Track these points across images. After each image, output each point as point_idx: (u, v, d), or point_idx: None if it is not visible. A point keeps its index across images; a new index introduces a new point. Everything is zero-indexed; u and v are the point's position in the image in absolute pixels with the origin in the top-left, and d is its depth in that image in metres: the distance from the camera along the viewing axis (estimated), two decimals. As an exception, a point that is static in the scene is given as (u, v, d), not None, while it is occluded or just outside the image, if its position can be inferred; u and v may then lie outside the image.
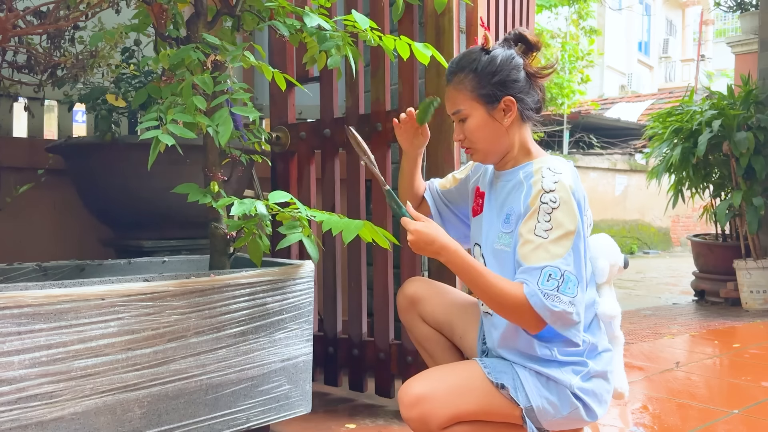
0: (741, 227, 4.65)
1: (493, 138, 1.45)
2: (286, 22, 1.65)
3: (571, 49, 10.31)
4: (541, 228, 1.33)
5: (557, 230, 1.32)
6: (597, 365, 1.43)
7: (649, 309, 4.73)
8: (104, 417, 1.34)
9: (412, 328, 1.68)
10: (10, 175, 2.44)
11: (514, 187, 1.43)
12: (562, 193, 1.34)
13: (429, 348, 1.68)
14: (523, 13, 2.72)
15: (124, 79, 2.24)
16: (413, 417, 1.35)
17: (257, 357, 1.59)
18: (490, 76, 1.42)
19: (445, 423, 1.35)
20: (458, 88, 1.45)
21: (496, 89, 1.42)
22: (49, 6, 1.86)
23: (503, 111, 1.43)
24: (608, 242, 1.58)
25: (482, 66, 1.42)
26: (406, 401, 1.36)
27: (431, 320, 1.66)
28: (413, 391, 1.37)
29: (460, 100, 1.45)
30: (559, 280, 1.30)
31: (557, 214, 1.33)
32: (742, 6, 6.54)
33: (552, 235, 1.32)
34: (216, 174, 1.68)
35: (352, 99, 2.17)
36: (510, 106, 1.42)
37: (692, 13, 22.56)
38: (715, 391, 2.49)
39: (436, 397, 1.35)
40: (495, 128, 1.44)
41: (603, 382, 1.44)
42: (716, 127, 4.58)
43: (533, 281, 1.30)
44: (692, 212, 9.82)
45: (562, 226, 1.32)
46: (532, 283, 1.30)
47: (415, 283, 1.70)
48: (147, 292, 1.39)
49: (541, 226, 1.33)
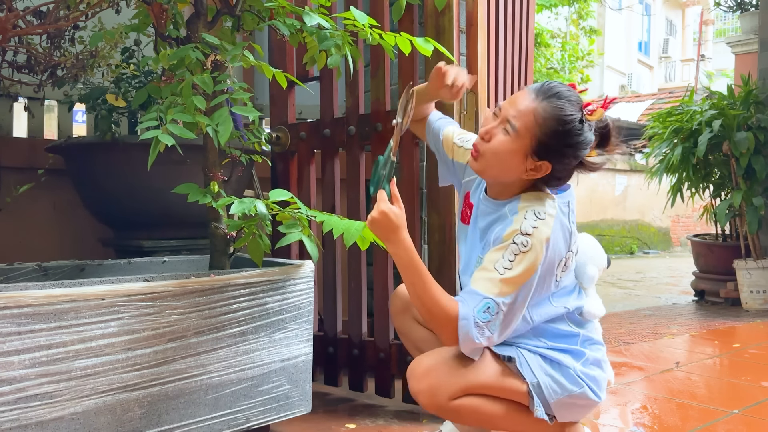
0: (741, 227, 4.65)
1: (504, 168, 1.39)
2: (286, 22, 1.65)
3: (571, 49, 10.32)
4: (502, 264, 1.33)
5: (515, 271, 1.32)
6: (593, 353, 1.46)
7: (649, 309, 4.73)
8: (104, 417, 1.34)
9: (407, 331, 1.68)
10: (10, 175, 2.44)
11: (498, 219, 1.43)
12: (535, 241, 1.33)
13: (426, 349, 1.67)
14: (523, 13, 2.72)
15: (124, 79, 2.24)
16: (423, 389, 1.35)
17: (257, 357, 1.59)
18: (561, 138, 1.34)
19: (454, 394, 1.36)
20: (538, 114, 1.33)
21: (550, 150, 1.35)
22: (49, 6, 1.86)
23: (534, 168, 1.37)
24: (593, 245, 1.59)
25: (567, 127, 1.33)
26: (416, 373, 1.37)
27: None
28: (423, 363, 1.38)
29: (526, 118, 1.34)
30: (494, 316, 1.31)
31: (521, 258, 1.32)
32: (742, 6, 6.54)
33: (508, 274, 1.32)
34: (216, 174, 1.68)
35: (352, 99, 2.17)
36: (542, 168, 1.37)
37: (692, 13, 22.57)
38: (715, 391, 2.49)
39: (445, 369, 1.36)
40: (514, 165, 1.37)
41: (600, 371, 1.46)
42: (716, 127, 4.58)
43: (471, 305, 1.31)
44: (692, 212, 9.82)
45: (519, 270, 1.32)
46: (468, 307, 1.31)
47: None
48: (147, 292, 1.39)
49: (503, 263, 1.33)
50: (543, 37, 9.60)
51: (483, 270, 1.35)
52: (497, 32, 2.33)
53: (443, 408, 1.37)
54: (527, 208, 1.37)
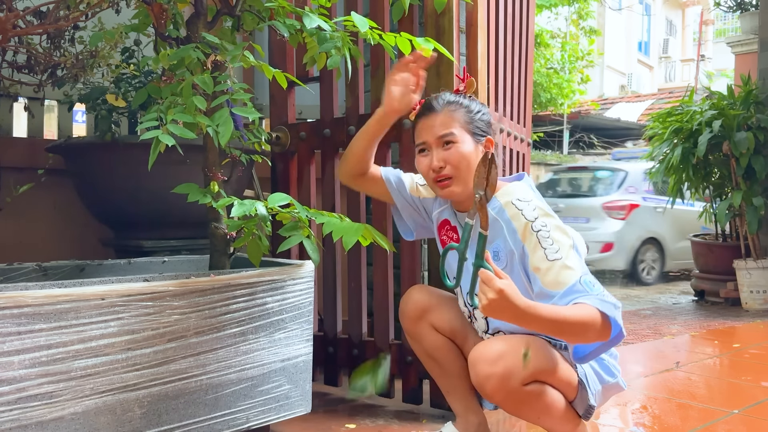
0: (741, 227, 4.65)
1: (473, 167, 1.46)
2: (285, 23, 1.65)
3: (571, 49, 10.32)
4: (552, 252, 1.37)
5: (564, 248, 1.38)
6: None
7: (649, 309, 4.73)
8: (104, 417, 1.34)
9: (421, 337, 1.68)
10: (10, 175, 2.44)
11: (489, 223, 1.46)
12: (542, 215, 1.42)
13: (440, 357, 1.67)
14: (523, 13, 2.72)
15: (124, 79, 2.24)
16: (497, 372, 1.34)
17: (257, 357, 1.59)
18: (472, 113, 1.54)
19: (526, 379, 1.37)
20: (452, 116, 1.52)
21: (477, 124, 1.53)
22: (49, 6, 1.86)
23: (485, 145, 1.54)
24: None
25: (472, 105, 1.54)
26: (488, 356, 1.36)
27: (446, 327, 1.66)
28: (493, 348, 1.38)
29: (454, 126, 1.51)
30: (594, 284, 1.36)
31: (554, 235, 1.39)
32: (742, 6, 6.55)
33: (563, 254, 1.37)
34: (216, 174, 1.68)
35: (352, 99, 2.17)
36: (489, 146, 1.53)
37: (692, 13, 22.57)
38: (715, 391, 2.49)
39: (517, 355, 1.36)
40: (475, 157, 1.49)
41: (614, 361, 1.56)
42: (716, 127, 4.58)
43: (587, 294, 1.32)
44: (692, 212, 9.81)
45: (564, 243, 1.39)
46: (588, 297, 1.32)
47: (423, 291, 1.70)
48: (147, 292, 1.39)
49: (550, 251, 1.38)
50: (543, 37, 9.61)
51: (548, 272, 1.36)
52: (497, 32, 2.33)
53: (513, 392, 1.36)
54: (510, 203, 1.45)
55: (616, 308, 1.32)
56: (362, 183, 1.70)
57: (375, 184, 1.71)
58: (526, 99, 2.82)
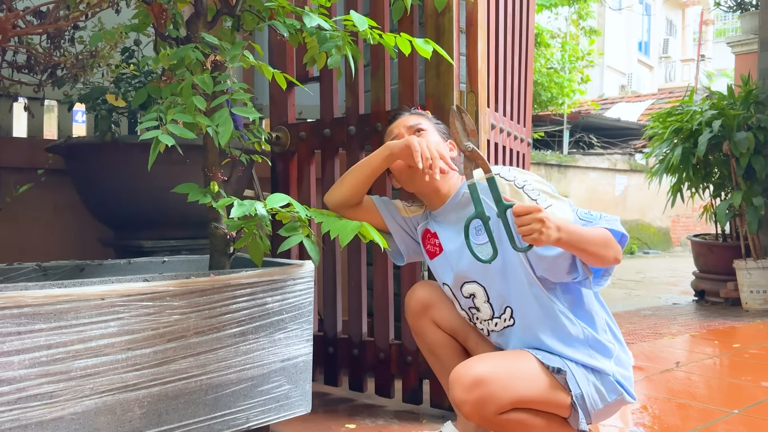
0: (741, 227, 4.65)
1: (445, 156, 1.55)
2: (285, 22, 1.65)
3: (571, 49, 10.31)
4: (542, 201, 1.42)
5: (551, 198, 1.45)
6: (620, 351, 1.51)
7: (649, 309, 4.73)
8: (104, 417, 1.34)
9: (424, 333, 1.67)
10: (10, 175, 2.44)
11: (463, 204, 1.52)
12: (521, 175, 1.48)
13: (441, 353, 1.67)
14: (523, 13, 2.72)
15: (124, 79, 2.24)
16: (471, 399, 1.32)
17: (257, 357, 1.59)
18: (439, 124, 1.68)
19: (503, 408, 1.33)
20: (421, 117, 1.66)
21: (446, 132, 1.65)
22: (49, 6, 1.86)
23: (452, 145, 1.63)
24: None
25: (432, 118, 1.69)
26: (465, 382, 1.32)
27: (446, 325, 1.65)
28: (474, 371, 1.34)
29: (424, 122, 1.64)
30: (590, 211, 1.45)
31: (536, 185, 1.46)
32: (742, 6, 6.54)
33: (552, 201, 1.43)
34: (216, 174, 1.68)
35: (352, 99, 2.17)
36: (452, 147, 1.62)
37: (692, 13, 22.56)
38: (715, 391, 2.49)
39: (497, 380, 1.33)
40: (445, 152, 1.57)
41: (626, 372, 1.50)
42: (716, 127, 4.58)
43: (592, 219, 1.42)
44: (692, 212, 9.82)
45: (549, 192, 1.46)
46: (594, 220, 1.41)
47: (426, 287, 1.69)
48: (147, 292, 1.39)
49: (540, 200, 1.42)
50: (543, 37, 9.60)
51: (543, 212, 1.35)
52: (497, 32, 2.33)
53: (488, 421, 1.35)
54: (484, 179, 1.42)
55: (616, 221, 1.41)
56: (353, 213, 1.66)
57: (367, 213, 1.67)
58: (526, 99, 2.82)
